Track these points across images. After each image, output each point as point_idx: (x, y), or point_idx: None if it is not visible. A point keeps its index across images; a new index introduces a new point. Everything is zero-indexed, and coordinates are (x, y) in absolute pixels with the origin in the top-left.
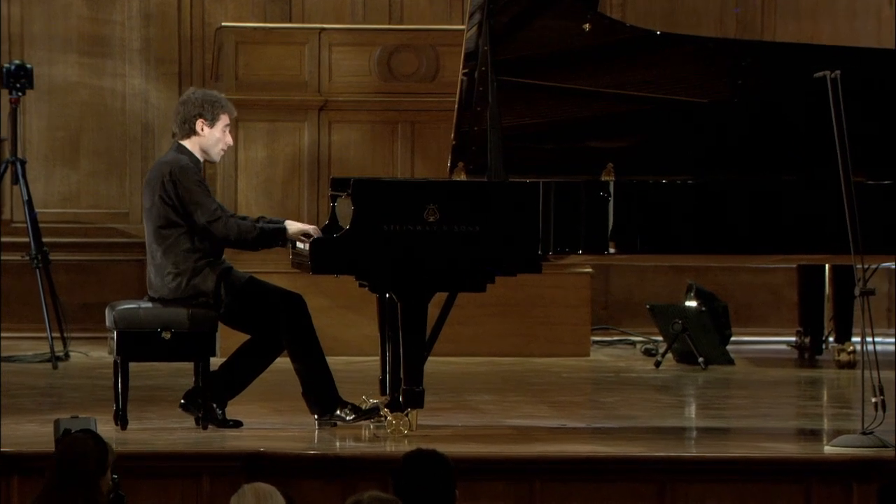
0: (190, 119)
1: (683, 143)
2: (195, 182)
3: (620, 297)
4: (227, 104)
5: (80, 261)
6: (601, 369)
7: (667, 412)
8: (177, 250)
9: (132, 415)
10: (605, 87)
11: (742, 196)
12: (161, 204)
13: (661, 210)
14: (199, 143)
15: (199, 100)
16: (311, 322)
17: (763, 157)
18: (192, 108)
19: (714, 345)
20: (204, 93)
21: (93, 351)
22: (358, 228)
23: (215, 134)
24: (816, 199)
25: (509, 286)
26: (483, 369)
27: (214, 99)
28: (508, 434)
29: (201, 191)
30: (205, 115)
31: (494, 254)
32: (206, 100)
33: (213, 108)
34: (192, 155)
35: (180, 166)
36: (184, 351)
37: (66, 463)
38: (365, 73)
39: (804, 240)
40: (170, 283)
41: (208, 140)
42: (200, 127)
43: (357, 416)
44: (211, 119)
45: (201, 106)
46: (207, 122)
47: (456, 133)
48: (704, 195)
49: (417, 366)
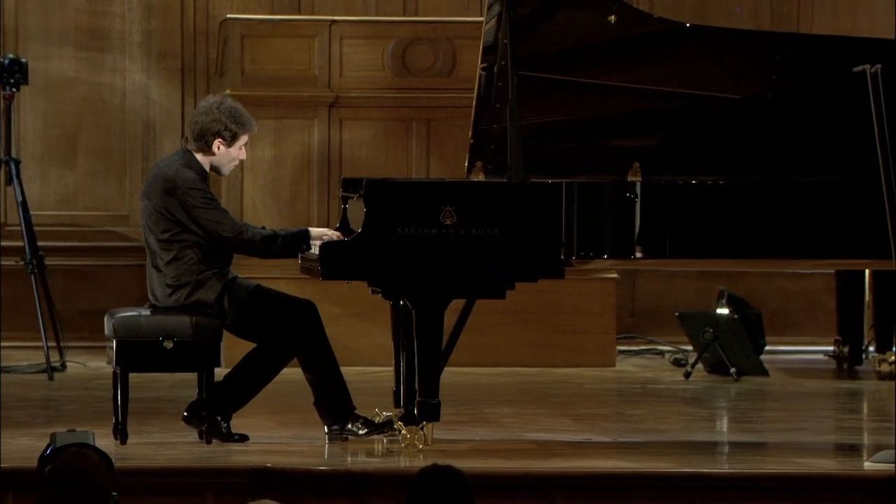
0: (208, 136)
1: (715, 142)
2: (205, 200)
3: (648, 303)
4: (251, 124)
5: (78, 266)
6: (627, 380)
7: (697, 426)
8: (181, 262)
9: (132, 428)
10: (631, 83)
11: (777, 197)
12: (161, 218)
13: (692, 212)
14: (211, 159)
15: (222, 117)
16: (322, 329)
17: (799, 157)
18: (212, 124)
19: (747, 354)
20: (229, 109)
21: (91, 361)
22: (370, 232)
23: (231, 153)
24: (857, 200)
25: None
26: (502, 380)
27: (238, 118)
28: (528, 449)
29: (215, 207)
30: (224, 136)
31: (514, 258)
32: (231, 117)
33: (235, 128)
34: (200, 167)
35: (187, 187)
36: (187, 361)
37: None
38: (378, 67)
39: (844, 243)
40: (171, 293)
41: (221, 158)
42: (217, 146)
43: (369, 431)
44: (230, 140)
45: (223, 124)
46: (225, 143)
47: (473, 131)
48: (737, 196)
49: (433, 377)
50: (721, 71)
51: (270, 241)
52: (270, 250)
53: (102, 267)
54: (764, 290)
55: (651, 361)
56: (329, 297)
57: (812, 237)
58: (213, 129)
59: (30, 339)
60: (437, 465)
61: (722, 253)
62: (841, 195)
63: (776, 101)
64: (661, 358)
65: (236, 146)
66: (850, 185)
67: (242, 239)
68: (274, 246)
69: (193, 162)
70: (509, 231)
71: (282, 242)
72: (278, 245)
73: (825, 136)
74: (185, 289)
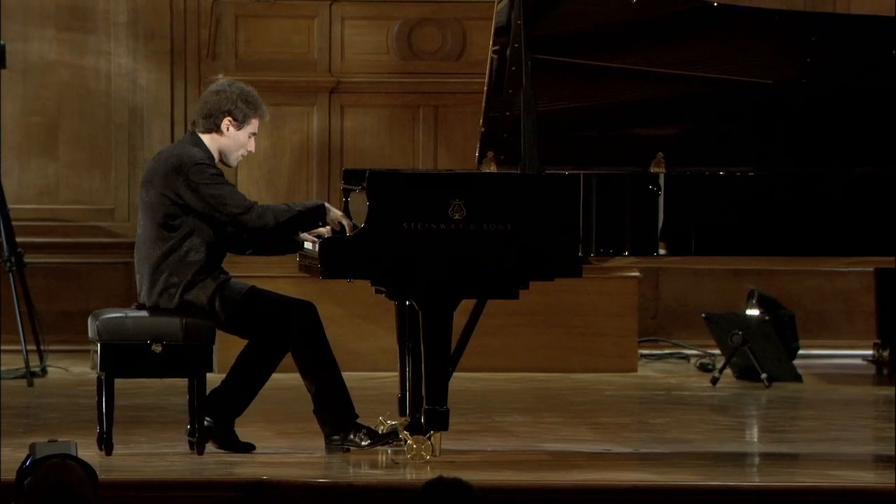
0: (217, 114)
1: (744, 130)
2: (212, 176)
3: (672, 304)
4: (263, 108)
5: (60, 264)
6: (650, 386)
7: (725, 436)
8: (175, 257)
9: (118, 438)
10: (655, 67)
11: (812, 190)
12: (167, 203)
13: (720, 206)
14: (219, 142)
15: (233, 95)
16: (323, 332)
17: (836, 146)
18: (223, 103)
19: (779, 359)
20: (241, 89)
21: (73, 366)
22: (374, 227)
23: (240, 138)
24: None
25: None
26: (515, 386)
27: (250, 98)
28: (544, 460)
29: (222, 183)
30: (235, 115)
31: (529, 256)
32: (242, 97)
33: (246, 109)
34: (205, 148)
35: (194, 163)
36: (177, 366)
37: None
38: (382, 50)
39: (884, 239)
40: (160, 292)
41: (230, 142)
42: (226, 126)
43: (373, 442)
44: (240, 120)
45: (234, 103)
46: (235, 123)
47: (485, 119)
48: (769, 189)
49: (441, 383)
50: (751, 54)
51: (283, 213)
52: (283, 223)
53: (86, 265)
54: (797, 289)
55: (675, 366)
56: (330, 298)
57: (849, 232)
58: (224, 107)
59: (8, 342)
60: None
61: (752, 250)
62: (881, 188)
63: (810, 86)
64: (687, 362)
65: (246, 130)
66: (891, 176)
67: (250, 218)
68: (286, 217)
69: (200, 144)
70: (523, 226)
71: (296, 216)
72: (291, 218)
73: (864, 125)
74: (176, 289)
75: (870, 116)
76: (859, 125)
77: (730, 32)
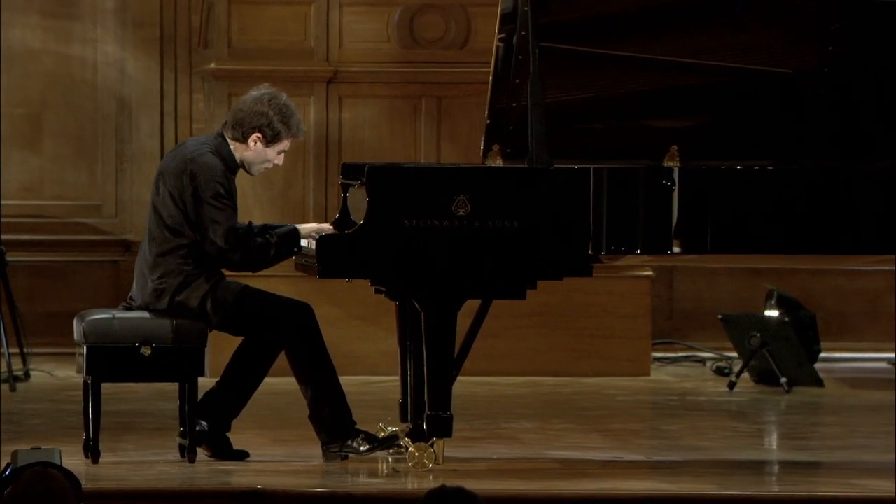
0: (247, 128)
1: (763, 122)
2: (217, 197)
3: (687, 305)
4: (300, 129)
5: (44, 262)
6: (663, 391)
7: (742, 443)
8: (171, 260)
9: (105, 446)
10: (668, 55)
11: (834, 185)
12: (172, 204)
13: (737, 201)
14: (244, 154)
15: (269, 111)
16: (319, 334)
17: (859, 139)
18: (256, 118)
19: (799, 362)
20: (281, 105)
21: (58, 370)
22: (373, 224)
23: (266, 154)
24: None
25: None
26: (522, 391)
27: (287, 118)
28: (552, 468)
29: (223, 209)
30: (265, 133)
31: (536, 254)
32: (279, 115)
33: (280, 128)
34: (231, 157)
35: (208, 174)
36: (167, 370)
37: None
38: (382, 38)
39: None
40: (151, 292)
41: (253, 156)
42: (254, 141)
43: (372, 447)
44: (270, 139)
45: (269, 120)
46: (263, 141)
47: (490, 110)
48: (789, 184)
49: (444, 387)
50: (770, 42)
51: (262, 255)
52: (264, 262)
53: (72, 263)
54: (819, 289)
55: (690, 370)
56: (327, 298)
57: (874, 229)
58: (255, 122)
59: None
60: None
61: (771, 247)
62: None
63: (833, 76)
64: (702, 366)
65: (275, 148)
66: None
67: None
68: (267, 258)
69: (225, 150)
70: (530, 223)
71: (275, 252)
72: (271, 256)
73: (889, 116)
74: (167, 291)
75: (893, 105)
76: (884, 117)
77: (748, 18)
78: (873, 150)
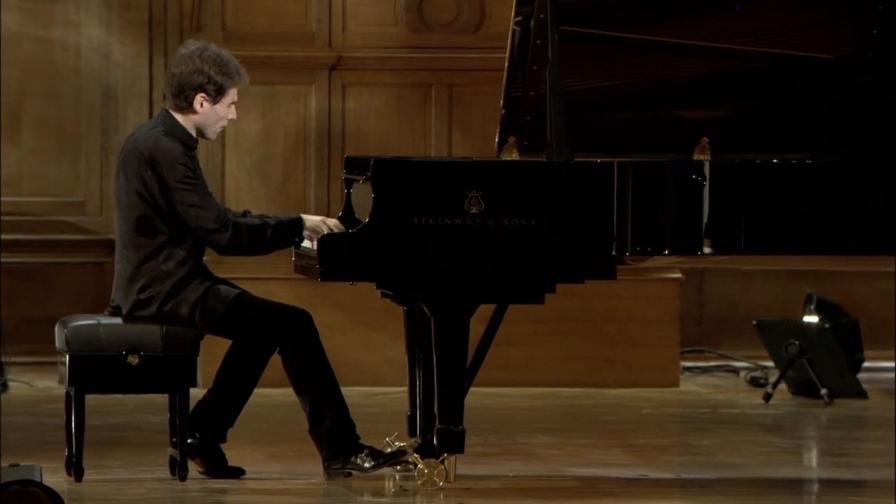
0: (188, 91)
1: (800, 113)
2: (186, 179)
3: (719, 310)
4: (240, 74)
5: (23, 264)
6: (694, 403)
7: (779, 459)
8: (154, 264)
9: (89, 462)
10: (698, 40)
11: (878, 180)
12: (143, 203)
13: (773, 198)
14: (194, 120)
15: (204, 66)
16: (319, 342)
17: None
18: (193, 77)
19: (841, 372)
20: (214, 55)
21: (38, 380)
22: (379, 222)
23: (217, 112)
24: None
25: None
26: (540, 403)
27: (224, 67)
28: (573, 487)
29: (195, 189)
30: (208, 90)
31: (555, 254)
32: (215, 67)
33: (221, 80)
34: (183, 131)
35: (168, 158)
36: (157, 380)
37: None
38: (389, 21)
39: None
40: (138, 301)
41: (206, 119)
42: (199, 103)
43: (377, 464)
44: (215, 94)
45: (205, 75)
46: (209, 98)
47: (506, 99)
48: (829, 179)
49: (456, 399)
50: (809, 25)
51: (258, 234)
52: (260, 244)
53: (53, 265)
54: (862, 293)
55: (723, 380)
56: (329, 303)
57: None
58: (194, 81)
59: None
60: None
61: (810, 247)
62: None
63: (876, 62)
64: (736, 376)
65: (223, 103)
66: None
67: (222, 238)
68: (263, 239)
69: (176, 127)
70: (549, 221)
71: (272, 233)
72: (268, 238)
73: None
74: (156, 300)
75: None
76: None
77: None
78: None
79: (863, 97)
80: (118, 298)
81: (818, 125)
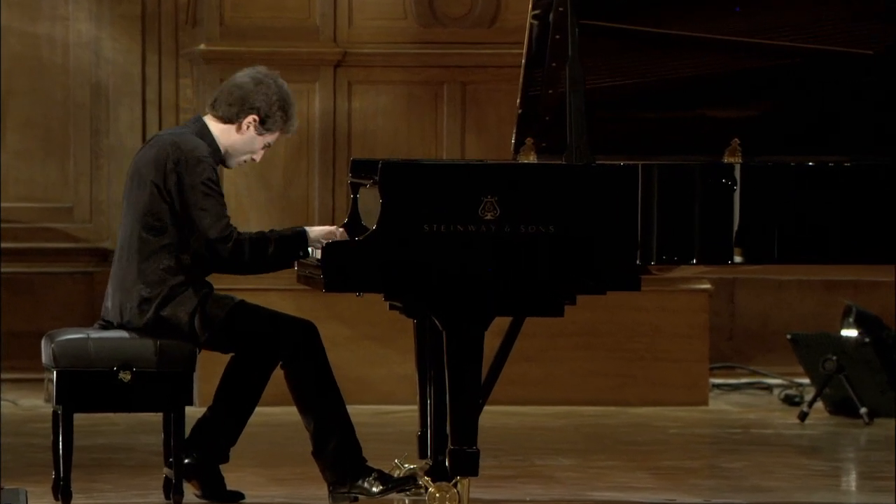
0: (246, 107)
1: (838, 112)
2: (206, 180)
3: (750, 323)
4: (294, 124)
5: (7, 274)
6: (724, 423)
7: (815, 483)
8: (155, 267)
9: (78, 486)
10: (728, 35)
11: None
12: (156, 196)
13: (808, 203)
14: (232, 139)
15: (273, 97)
16: (325, 357)
17: None
18: (259, 99)
19: (881, 390)
20: (285, 92)
21: (24, 398)
22: (388, 229)
23: (254, 142)
24: None
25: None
26: (560, 423)
27: (288, 108)
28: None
29: (212, 196)
30: (264, 120)
31: (575, 264)
32: (280, 101)
33: (278, 118)
34: (213, 143)
35: (195, 156)
36: (150, 398)
37: None
38: (398, 15)
39: None
40: (133, 307)
41: (241, 143)
42: (247, 125)
43: (387, 488)
44: (265, 127)
45: (270, 104)
46: (258, 128)
47: (523, 98)
48: (869, 183)
49: (470, 418)
50: (847, 18)
51: (261, 249)
52: (261, 261)
53: (39, 275)
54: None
55: (755, 398)
56: (334, 315)
57: None
58: (256, 102)
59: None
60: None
61: (848, 256)
62: None
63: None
64: (769, 394)
65: (263, 140)
66: None
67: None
68: (265, 254)
69: (207, 136)
70: (569, 229)
71: (275, 249)
72: (270, 253)
73: None
74: (151, 303)
75: None
76: None
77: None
78: None
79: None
80: (111, 306)
81: (857, 125)
